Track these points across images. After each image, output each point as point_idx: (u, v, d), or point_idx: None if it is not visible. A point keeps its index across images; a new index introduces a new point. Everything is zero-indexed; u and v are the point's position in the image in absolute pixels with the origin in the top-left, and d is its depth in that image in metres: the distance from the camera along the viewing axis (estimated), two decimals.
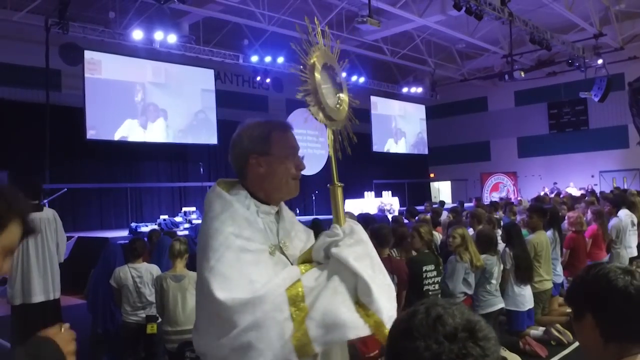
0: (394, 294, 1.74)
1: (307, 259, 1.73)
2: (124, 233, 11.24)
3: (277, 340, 1.54)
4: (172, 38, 13.84)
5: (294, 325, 1.56)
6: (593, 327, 1.57)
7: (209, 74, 16.53)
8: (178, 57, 14.96)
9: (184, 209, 13.12)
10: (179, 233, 10.33)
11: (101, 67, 13.93)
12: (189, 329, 4.75)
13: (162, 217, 12.17)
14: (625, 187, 19.74)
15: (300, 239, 1.90)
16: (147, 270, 5.39)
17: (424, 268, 5.07)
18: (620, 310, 1.54)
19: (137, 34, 13.37)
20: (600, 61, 19.02)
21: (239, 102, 18.44)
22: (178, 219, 12.07)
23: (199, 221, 12.06)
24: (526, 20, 15.23)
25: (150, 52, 14.39)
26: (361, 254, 1.67)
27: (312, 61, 1.83)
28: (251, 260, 1.63)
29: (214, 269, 1.57)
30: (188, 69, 15.81)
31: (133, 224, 11.44)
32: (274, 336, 1.54)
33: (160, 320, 5.12)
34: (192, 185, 16.43)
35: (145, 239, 7.79)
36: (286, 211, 1.89)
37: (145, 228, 10.85)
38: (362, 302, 1.62)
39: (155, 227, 10.93)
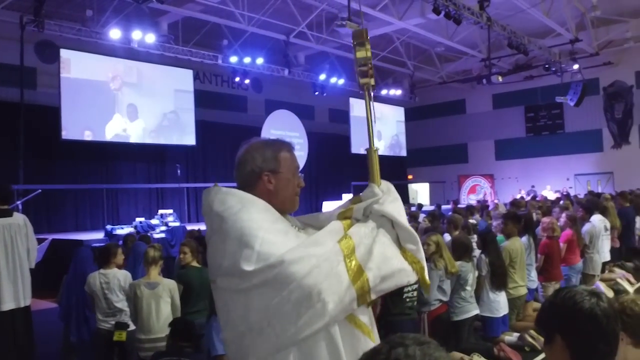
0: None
1: (347, 216, 1.87)
2: (100, 235, 11.11)
3: (337, 286, 1.63)
4: (151, 38, 13.71)
5: (349, 275, 1.66)
6: (563, 348, 1.62)
7: (187, 74, 16.41)
8: (156, 57, 14.82)
9: (160, 211, 12.97)
10: (155, 236, 10.26)
11: (70, 66, 13.70)
12: (163, 336, 4.72)
13: (138, 219, 12.02)
14: (600, 190, 20.07)
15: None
16: (115, 276, 5.29)
17: None
18: (588, 332, 1.59)
19: (114, 33, 13.21)
20: (576, 66, 19.28)
21: (218, 103, 18.37)
22: (154, 221, 11.94)
23: (176, 224, 12.02)
24: (504, 25, 15.38)
25: (128, 52, 14.23)
26: (400, 209, 1.89)
27: (367, 36, 2.03)
28: (292, 237, 1.73)
29: (260, 253, 1.62)
30: (162, 68, 15.65)
31: (109, 226, 11.29)
32: (334, 282, 1.63)
33: (130, 328, 5.06)
34: (169, 187, 16.29)
35: (120, 242, 7.72)
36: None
37: (121, 230, 10.74)
38: (407, 250, 1.83)
39: (131, 229, 10.82)
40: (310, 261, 1.61)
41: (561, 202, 12.87)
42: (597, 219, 9.05)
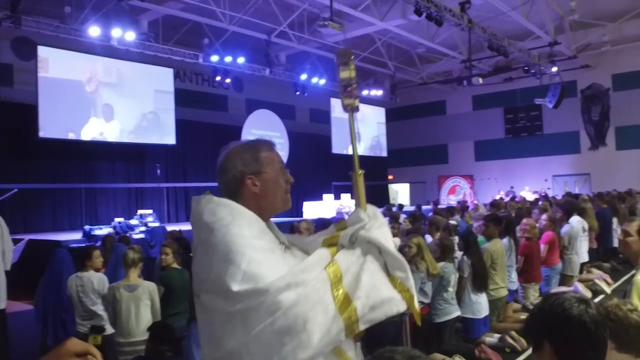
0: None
1: (332, 243, 1.81)
2: (78, 236, 10.94)
3: (323, 316, 1.58)
4: (131, 35, 13.53)
5: (335, 304, 1.61)
6: (551, 355, 1.63)
7: (168, 72, 16.27)
8: (136, 55, 14.65)
9: (139, 211, 12.82)
10: (134, 236, 10.14)
11: (48, 66, 13.50)
12: (143, 340, 4.66)
13: (117, 219, 11.85)
14: (577, 191, 20.35)
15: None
16: (89, 279, 5.21)
17: None
18: (576, 338, 1.61)
19: (93, 31, 13.01)
20: (554, 69, 19.49)
21: (199, 102, 18.24)
22: (134, 221, 11.79)
23: (156, 224, 11.90)
24: (485, 27, 15.49)
25: (108, 50, 14.03)
26: (387, 235, 1.82)
27: (352, 56, 2.00)
28: (278, 257, 1.69)
29: (247, 272, 1.58)
30: (142, 68, 15.49)
31: (87, 227, 11.11)
32: (320, 312, 1.58)
33: (107, 332, 4.98)
34: (148, 187, 16.12)
35: (98, 243, 7.61)
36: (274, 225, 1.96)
37: (100, 231, 10.59)
38: (396, 278, 1.76)
39: (110, 230, 10.68)
40: (297, 290, 1.57)
41: (540, 203, 13.01)
42: (575, 221, 9.17)
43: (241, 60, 16.50)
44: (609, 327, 2.15)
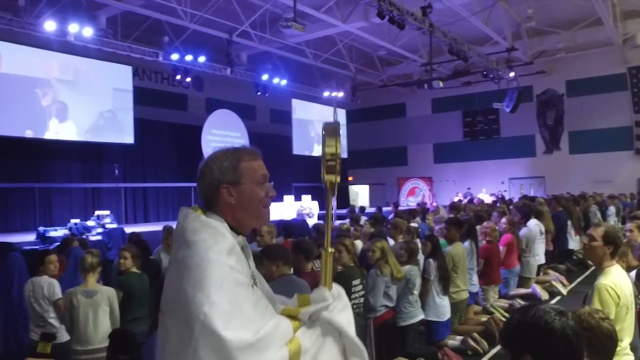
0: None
1: (291, 316, 1.73)
2: (31, 237, 10.55)
3: None
4: (88, 31, 13.15)
5: None
6: None
7: (126, 70, 15.92)
8: (94, 51, 14.23)
9: (97, 212, 12.46)
10: (91, 238, 9.86)
11: (1, 60, 13.04)
12: (101, 347, 4.53)
13: (73, 220, 11.46)
14: (532, 193, 20.84)
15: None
16: (39, 285, 5.03)
17: (352, 283, 5.02)
18: (559, 352, 1.63)
19: (49, 25, 12.59)
20: (512, 74, 19.91)
21: (158, 101, 17.90)
22: (90, 223, 11.45)
23: (113, 225, 11.61)
24: (445, 32, 15.68)
25: (64, 45, 13.59)
26: (349, 320, 1.77)
27: (339, 133, 1.96)
28: (247, 295, 1.62)
29: (215, 304, 1.52)
30: (100, 66, 15.09)
31: (41, 228, 10.71)
32: None
33: (59, 339, 4.84)
34: (106, 187, 15.72)
35: (53, 245, 7.37)
36: (247, 244, 1.90)
37: (55, 232, 10.24)
38: None
39: (66, 231, 10.34)
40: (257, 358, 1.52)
41: (497, 205, 13.24)
42: (533, 223, 9.36)
43: (202, 59, 16.28)
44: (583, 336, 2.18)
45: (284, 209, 15.62)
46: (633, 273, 4.27)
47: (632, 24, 18.78)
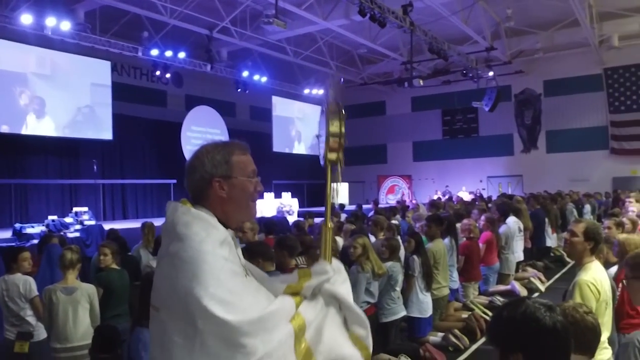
0: None
1: (295, 291, 1.74)
2: (7, 234, 10.39)
3: None
4: (66, 25, 12.96)
5: (297, 358, 1.60)
6: None
7: (105, 65, 15.71)
8: (72, 46, 14.03)
9: (74, 208, 12.29)
10: (69, 235, 9.75)
11: None
12: (81, 345, 4.48)
13: (50, 217, 11.28)
14: (510, 191, 21.08)
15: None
16: (14, 282, 4.93)
17: None
18: (551, 348, 1.62)
19: (26, 18, 12.38)
20: (491, 73, 20.10)
21: (137, 96, 17.74)
22: (68, 219, 11.29)
23: (92, 222, 11.47)
24: (426, 30, 15.77)
25: (41, 39, 13.37)
26: (349, 291, 1.82)
27: (343, 112, 1.89)
28: (246, 284, 1.64)
29: (214, 296, 1.52)
30: (79, 60, 14.88)
31: (17, 225, 10.55)
32: None
33: (36, 337, 4.77)
34: (84, 183, 15.50)
35: (28, 244, 7.27)
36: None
37: (32, 229, 10.09)
38: (356, 334, 1.75)
39: (43, 228, 10.20)
40: (264, 339, 1.53)
41: (476, 203, 13.38)
42: (511, 221, 9.48)
43: (182, 55, 16.17)
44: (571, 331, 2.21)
45: (264, 206, 15.58)
46: (612, 269, 4.34)
47: (608, 25, 19.06)
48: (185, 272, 1.56)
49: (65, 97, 14.75)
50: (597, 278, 3.55)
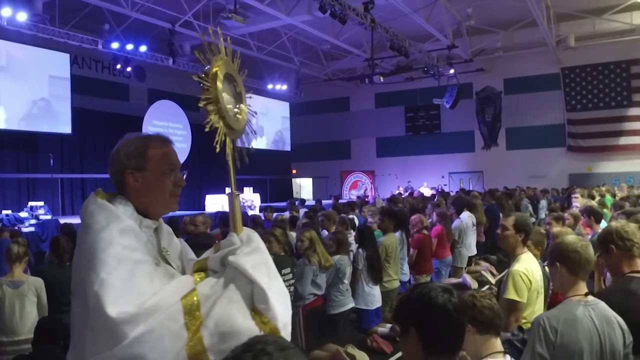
0: (290, 301, 1.76)
1: (202, 267, 1.74)
2: None
3: (171, 349, 1.52)
4: (22, 16, 12.72)
5: (188, 334, 1.54)
6: (416, 341, 1.76)
7: (64, 58, 15.44)
8: (29, 37, 13.75)
9: (30, 203, 12.11)
10: (24, 229, 9.64)
11: None
12: (28, 338, 4.47)
13: (4, 211, 11.12)
14: (471, 187, 21.49)
15: (177, 249, 1.92)
16: None
17: (282, 272, 5.13)
18: (440, 326, 1.75)
19: None
20: (452, 71, 20.44)
21: (98, 90, 17.50)
22: (23, 214, 11.14)
23: (48, 217, 11.33)
24: (387, 28, 15.95)
25: None
26: (258, 262, 1.69)
27: (214, 70, 1.86)
28: (143, 271, 1.61)
29: (105, 282, 1.52)
30: (36, 52, 14.58)
31: None
32: (167, 345, 1.52)
33: None
34: (40, 177, 15.24)
35: None
36: (164, 225, 1.91)
37: None
38: (258, 309, 1.63)
39: None
40: (147, 323, 1.51)
41: (436, 198, 13.62)
42: (466, 216, 9.71)
43: (143, 48, 16.00)
44: (469, 314, 2.37)
45: (224, 201, 15.56)
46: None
47: (565, 26, 19.58)
48: (84, 259, 1.60)
49: (20, 90, 14.39)
50: (528, 268, 3.74)
